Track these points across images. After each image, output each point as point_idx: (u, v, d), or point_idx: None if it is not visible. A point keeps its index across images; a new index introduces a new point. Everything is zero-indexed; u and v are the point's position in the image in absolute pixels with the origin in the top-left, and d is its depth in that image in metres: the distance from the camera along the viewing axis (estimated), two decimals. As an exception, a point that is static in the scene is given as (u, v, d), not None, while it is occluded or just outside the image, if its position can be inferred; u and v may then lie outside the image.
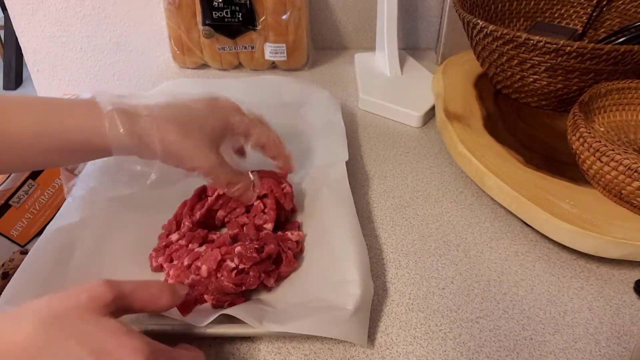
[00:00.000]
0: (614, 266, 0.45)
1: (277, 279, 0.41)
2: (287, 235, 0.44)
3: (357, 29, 0.89)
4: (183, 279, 0.39)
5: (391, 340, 0.38)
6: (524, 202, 0.44)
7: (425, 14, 0.87)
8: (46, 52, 0.91)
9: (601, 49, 0.47)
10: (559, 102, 0.58)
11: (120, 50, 0.92)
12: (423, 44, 0.91)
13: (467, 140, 0.52)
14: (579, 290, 0.43)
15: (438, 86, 0.65)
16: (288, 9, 0.75)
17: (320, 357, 0.37)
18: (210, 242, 0.44)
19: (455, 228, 0.50)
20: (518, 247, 0.47)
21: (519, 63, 0.54)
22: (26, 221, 0.51)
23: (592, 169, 0.45)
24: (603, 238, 0.40)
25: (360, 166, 0.59)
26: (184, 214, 0.46)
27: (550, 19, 0.70)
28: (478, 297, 0.42)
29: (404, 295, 0.42)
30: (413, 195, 0.54)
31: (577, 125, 0.46)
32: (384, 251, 0.47)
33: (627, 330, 0.39)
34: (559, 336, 0.39)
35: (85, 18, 0.87)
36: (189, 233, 0.44)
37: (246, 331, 0.37)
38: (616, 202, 0.44)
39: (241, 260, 0.39)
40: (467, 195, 0.54)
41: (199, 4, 0.76)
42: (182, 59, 0.82)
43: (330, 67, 0.84)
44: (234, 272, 0.39)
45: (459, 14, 0.58)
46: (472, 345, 0.38)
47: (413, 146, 0.63)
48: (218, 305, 0.39)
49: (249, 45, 0.79)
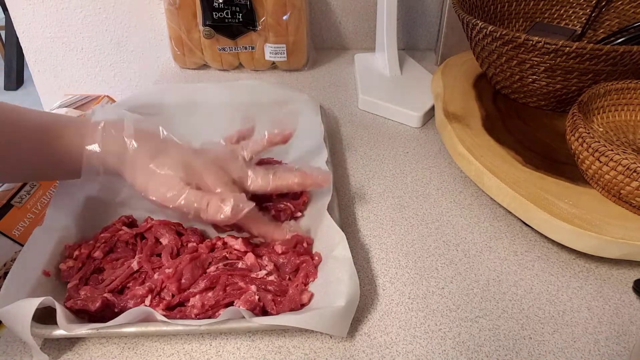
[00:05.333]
0: (613, 266, 0.45)
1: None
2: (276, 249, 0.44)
3: (357, 29, 0.89)
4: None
5: (391, 339, 0.39)
6: (523, 202, 0.44)
7: (424, 14, 0.87)
8: (47, 53, 0.91)
9: (600, 50, 0.48)
10: (558, 103, 0.58)
11: (120, 50, 0.92)
12: (422, 45, 0.91)
13: (467, 140, 0.52)
14: (578, 289, 0.43)
15: (437, 86, 0.65)
16: (288, 9, 0.76)
17: (320, 357, 0.37)
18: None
19: (454, 228, 0.50)
20: (517, 246, 0.47)
21: (518, 63, 0.54)
22: (28, 221, 0.51)
23: (591, 169, 0.45)
24: (602, 238, 0.41)
25: (360, 166, 0.59)
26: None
27: (549, 19, 0.70)
28: (477, 297, 0.42)
29: (403, 294, 0.42)
30: (412, 195, 0.54)
31: (576, 126, 0.46)
32: (384, 251, 0.47)
33: (626, 330, 0.39)
34: (558, 335, 0.39)
35: (86, 19, 0.87)
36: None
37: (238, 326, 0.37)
38: (615, 202, 0.45)
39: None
40: (467, 195, 0.54)
41: (199, 5, 0.76)
42: (183, 59, 0.83)
43: (330, 68, 0.84)
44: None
45: (459, 14, 0.58)
46: (472, 344, 0.38)
47: (412, 146, 0.63)
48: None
49: (249, 45, 0.79)
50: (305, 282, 0.41)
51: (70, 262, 0.42)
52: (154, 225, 0.46)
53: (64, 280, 0.41)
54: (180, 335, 0.39)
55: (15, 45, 2.20)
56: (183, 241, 0.45)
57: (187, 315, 0.38)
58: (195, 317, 0.38)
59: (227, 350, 0.38)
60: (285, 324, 0.35)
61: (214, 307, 0.38)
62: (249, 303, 0.38)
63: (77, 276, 0.41)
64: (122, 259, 0.43)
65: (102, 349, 0.38)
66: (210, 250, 0.44)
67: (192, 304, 0.38)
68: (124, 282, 0.41)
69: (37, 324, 0.35)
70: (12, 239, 0.50)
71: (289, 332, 0.39)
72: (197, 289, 0.39)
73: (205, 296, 0.39)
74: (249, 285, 0.39)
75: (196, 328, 0.37)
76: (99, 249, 0.43)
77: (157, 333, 0.37)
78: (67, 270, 0.41)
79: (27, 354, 0.37)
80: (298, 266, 0.42)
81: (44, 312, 0.36)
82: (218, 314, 0.38)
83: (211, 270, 0.41)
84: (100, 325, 0.36)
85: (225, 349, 0.38)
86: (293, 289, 0.40)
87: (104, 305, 0.38)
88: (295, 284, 0.40)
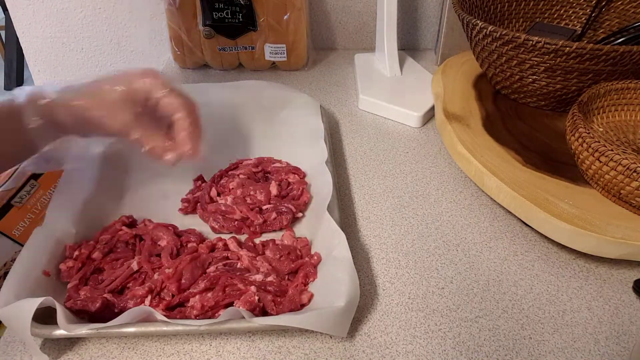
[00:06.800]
0: (613, 266, 0.45)
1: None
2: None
3: (357, 29, 0.89)
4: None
5: (391, 339, 0.39)
6: (523, 202, 0.44)
7: (424, 14, 0.87)
8: (47, 53, 0.91)
9: (600, 50, 0.48)
10: (558, 103, 0.58)
11: (121, 50, 0.92)
12: (422, 45, 0.91)
13: (467, 140, 0.52)
14: (578, 289, 0.43)
15: (437, 86, 0.65)
16: (288, 9, 0.76)
17: (320, 357, 0.37)
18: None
19: (454, 228, 0.50)
20: (517, 246, 0.47)
21: (518, 63, 0.54)
22: (28, 221, 0.51)
23: (591, 169, 0.45)
24: (602, 238, 0.41)
25: (360, 166, 0.59)
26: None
27: (549, 19, 0.70)
28: (477, 297, 0.42)
29: (403, 294, 0.42)
30: (412, 195, 0.54)
31: (576, 126, 0.46)
32: (384, 251, 0.47)
33: (626, 330, 0.39)
34: (558, 336, 0.39)
35: (86, 19, 0.87)
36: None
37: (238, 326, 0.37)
38: (615, 202, 0.45)
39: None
40: (467, 195, 0.54)
41: (199, 5, 0.76)
42: (183, 59, 0.82)
43: (330, 68, 0.84)
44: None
45: (459, 14, 0.58)
46: (472, 344, 0.38)
47: (412, 146, 0.63)
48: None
49: (249, 45, 0.79)
50: (305, 282, 0.41)
51: (70, 262, 0.42)
52: (151, 228, 0.46)
53: (63, 280, 0.41)
54: (180, 335, 0.39)
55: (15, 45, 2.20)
56: (183, 241, 0.45)
57: (187, 316, 0.38)
58: (195, 318, 0.38)
59: (227, 350, 0.38)
60: (285, 324, 0.35)
61: (213, 308, 0.38)
62: (248, 304, 0.38)
63: (77, 276, 0.41)
64: (122, 259, 0.43)
65: (102, 349, 0.38)
66: (211, 251, 0.44)
67: (192, 305, 0.38)
68: (124, 282, 0.41)
69: (37, 324, 0.35)
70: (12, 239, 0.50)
71: (289, 332, 0.39)
72: (196, 290, 0.39)
73: (204, 297, 0.39)
74: (248, 286, 0.39)
75: (196, 328, 0.37)
76: (98, 249, 0.43)
77: (157, 333, 0.37)
78: (67, 270, 0.41)
79: (27, 354, 0.37)
80: (297, 267, 0.42)
81: (44, 312, 0.36)
82: (218, 314, 0.38)
83: (211, 271, 0.41)
84: (100, 325, 0.36)
85: (225, 349, 0.38)
86: (293, 289, 0.40)
87: (104, 306, 0.38)
88: (295, 284, 0.40)
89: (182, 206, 0.50)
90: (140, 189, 0.52)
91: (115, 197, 0.51)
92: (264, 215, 0.48)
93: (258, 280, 0.41)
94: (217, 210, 0.48)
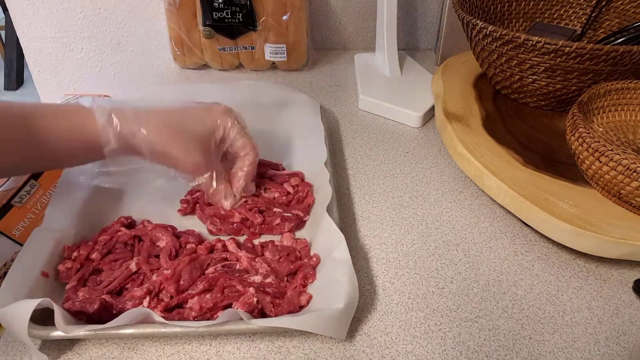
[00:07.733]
0: (613, 266, 0.45)
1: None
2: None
3: (357, 29, 0.89)
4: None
5: (391, 339, 0.39)
6: (523, 202, 0.44)
7: (424, 14, 0.87)
8: (47, 53, 0.91)
9: (600, 50, 0.48)
10: (558, 103, 0.58)
11: (121, 51, 0.92)
12: (422, 45, 0.91)
13: (467, 140, 0.52)
14: (578, 289, 0.43)
15: (437, 86, 0.65)
16: (288, 9, 0.76)
17: (320, 357, 0.37)
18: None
19: (454, 228, 0.50)
20: (517, 246, 0.47)
21: (518, 63, 0.54)
22: (28, 221, 0.51)
23: (591, 169, 0.45)
24: (602, 238, 0.40)
25: (360, 166, 0.59)
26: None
27: (549, 19, 0.70)
28: (477, 297, 0.42)
29: (403, 294, 0.42)
30: (412, 195, 0.54)
31: (576, 126, 0.46)
32: (384, 251, 0.47)
33: (626, 330, 0.39)
34: (558, 336, 0.39)
35: (86, 19, 0.87)
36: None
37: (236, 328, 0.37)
38: (615, 202, 0.45)
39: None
40: (467, 195, 0.54)
41: (199, 5, 0.76)
42: (183, 59, 0.82)
43: (330, 68, 0.84)
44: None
45: (459, 14, 0.58)
46: (472, 344, 0.38)
47: (412, 146, 0.63)
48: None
49: (249, 45, 0.79)
50: (303, 283, 0.41)
51: (68, 263, 0.42)
52: (150, 229, 0.46)
53: (62, 281, 0.41)
54: (179, 336, 0.39)
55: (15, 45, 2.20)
56: (182, 242, 0.45)
57: (185, 318, 0.38)
58: (193, 320, 0.38)
59: (227, 350, 0.38)
60: (283, 326, 0.35)
61: (212, 310, 0.38)
62: (247, 305, 0.37)
63: (76, 277, 0.41)
64: (121, 260, 0.43)
65: (102, 349, 0.38)
66: (209, 252, 0.44)
67: (190, 306, 0.38)
68: (123, 283, 0.41)
69: (35, 325, 0.35)
70: (12, 239, 0.50)
71: (289, 333, 0.39)
72: (195, 291, 0.39)
73: (203, 298, 0.39)
74: (247, 288, 0.39)
75: (194, 330, 0.36)
76: (97, 250, 0.43)
77: (155, 335, 0.37)
78: (65, 271, 0.41)
79: (27, 354, 0.37)
80: (296, 268, 0.42)
81: (43, 313, 0.36)
82: (216, 316, 0.38)
83: (210, 272, 0.41)
84: (98, 326, 0.36)
85: (225, 349, 0.38)
86: (291, 290, 0.40)
87: (102, 307, 0.38)
88: (293, 286, 0.40)
89: (181, 207, 0.50)
90: (140, 190, 0.52)
91: (114, 198, 0.51)
92: (266, 219, 0.48)
93: (257, 281, 0.40)
94: (215, 214, 0.48)
